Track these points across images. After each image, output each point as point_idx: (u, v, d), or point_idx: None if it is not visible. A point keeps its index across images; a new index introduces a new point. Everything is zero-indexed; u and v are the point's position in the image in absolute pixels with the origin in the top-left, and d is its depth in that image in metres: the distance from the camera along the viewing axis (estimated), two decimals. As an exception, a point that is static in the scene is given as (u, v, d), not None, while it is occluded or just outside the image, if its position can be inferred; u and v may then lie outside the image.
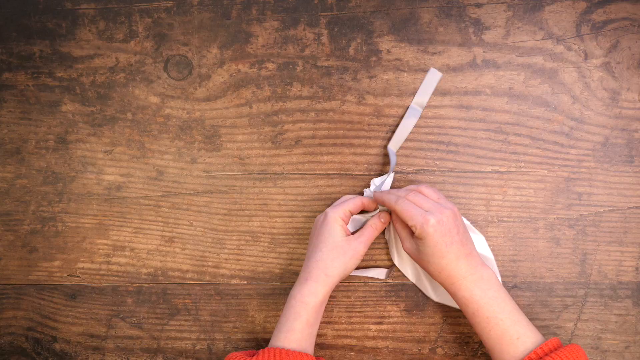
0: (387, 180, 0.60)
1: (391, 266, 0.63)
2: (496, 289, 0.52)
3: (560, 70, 0.62)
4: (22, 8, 0.66)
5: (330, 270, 0.54)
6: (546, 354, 0.49)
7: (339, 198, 0.63)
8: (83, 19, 0.65)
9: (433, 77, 0.62)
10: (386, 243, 0.63)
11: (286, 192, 0.64)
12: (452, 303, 0.61)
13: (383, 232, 0.63)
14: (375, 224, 0.58)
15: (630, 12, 0.61)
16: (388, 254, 0.63)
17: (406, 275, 0.62)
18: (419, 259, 0.55)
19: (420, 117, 0.63)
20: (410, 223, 0.53)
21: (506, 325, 0.51)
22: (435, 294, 0.61)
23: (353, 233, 0.59)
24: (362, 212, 0.61)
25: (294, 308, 0.54)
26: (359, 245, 0.56)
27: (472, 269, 0.53)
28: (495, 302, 0.52)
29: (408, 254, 0.56)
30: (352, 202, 0.58)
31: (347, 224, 0.57)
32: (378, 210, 0.60)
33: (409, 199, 0.54)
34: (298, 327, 0.53)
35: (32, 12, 0.66)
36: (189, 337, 0.65)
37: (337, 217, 0.56)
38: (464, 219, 0.60)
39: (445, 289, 0.55)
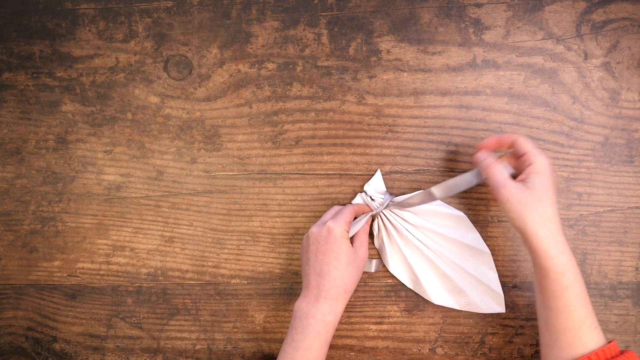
0: (377, 179, 0.62)
1: (378, 258, 0.63)
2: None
3: (560, 70, 0.62)
4: (22, 8, 0.66)
5: (350, 287, 0.55)
6: (607, 359, 0.48)
7: (338, 198, 0.63)
8: (83, 19, 0.65)
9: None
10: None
11: (286, 192, 0.64)
12: (452, 304, 0.61)
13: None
14: (365, 228, 0.59)
15: (630, 12, 0.61)
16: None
17: (403, 281, 0.62)
18: (524, 202, 0.49)
19: (420, 117, 0.63)
20: (527, 154, 0.51)
21: (590, 310, 0.49)
22: (435, 297, 0.61)
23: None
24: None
25: (313, 327, 0.53)
26: (365, 252, 0.58)
27: (566, 241, 0.50)
28: (583, 284, 0.50)
29: (505, 201, 0.50)
30: (349, 212, 0.57)
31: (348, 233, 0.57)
32: (369, 215, 0.60)
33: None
34: (317, 345, 0.53)
35: (32, 12, 0.66)
36: (189, 337, 0.65)
37: (343, 232, 0.55)
38: (473, 233, 0.60)
39: (543, 248, 0.49)
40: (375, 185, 0.62)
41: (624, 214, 0.61)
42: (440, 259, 0.60)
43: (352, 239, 0.58)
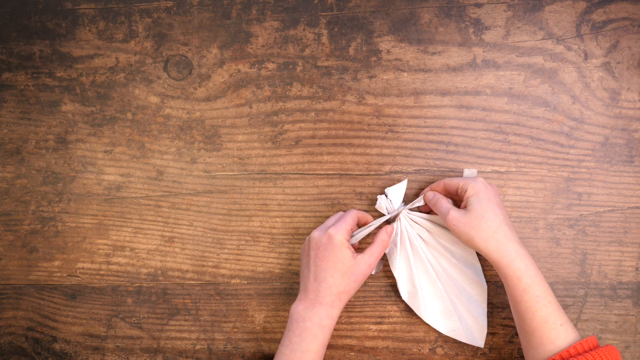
0: (401, 187, 0.61)
1: (380, 260, 0.62)
2: (541, 273, 0.53)
3: (560, 70, 0.62)
4: (22, 8, 0.66)
5: (344, 295, 0.55)
6: (585, 351, 0.48)
7: (338, 198, 0.63)
8: (83, 19, 0.65)
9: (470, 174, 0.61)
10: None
11: (286, 192, 0.64)
12: (438, 327, 0.60)
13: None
14: (383, 240, 0.58)
15: (630, 12, 0.61)
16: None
17: (400, 290, 0.61)
18: (469, 224, 0.53)
19: (420, 117, 0.63)
20: (461, 184, 0.56)
21: (553, 308, 0.51)
22: (426, 315, 0.60)
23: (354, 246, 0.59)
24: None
25: (310, 330, 0.54)
26: (369, 266, 0.56)
27: (522, 245, 0.53)
28: (545, 283, 0.52)
29: (453, 227, 0.54)
30: (351, 219, 0.57)
31: (349, 242, 0.57)
32: (379, 221, 0.59)
33: None
34: (314, 348, 0.53)
35: (32, 12, 0.66)
36: (189, 337, 0.65)
37: (344, 240, 0.55)
38: (475, 264, 0.61)
39: (496, 259, 0.52)
40: (396, 193, 0.61)
41: (624, 214, 0.61)
42: (439, 279, 0.60)
43: (359, 247, 0.58)
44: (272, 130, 0.64)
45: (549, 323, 0.50)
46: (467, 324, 0.60)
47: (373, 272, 0.62)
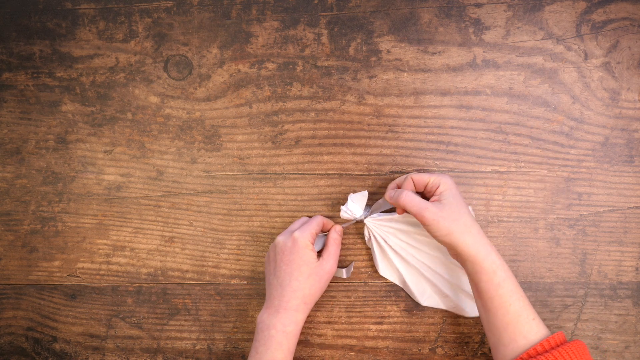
0: (362, 197, 0.60)
1: (349, 264, 0.63)
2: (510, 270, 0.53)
3: (560, 70, 0.62)
4: (22, 8, 0.66)
5: (310, 299, 0.56)
6: (552, 348, 0.49)
7: (338, 198, 0.63)
8: (83, 19, 0.65)
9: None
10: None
11: (286, 192, 0.64)
12: (439, 305, 0.61)
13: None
14: (335, 239, 0.59)
15: (630, 12, 0.61)
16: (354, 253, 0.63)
17: (393, 281, 0.62)
18: (448, 218, 0.52)
19: (420, 117, 0.63)
20: (430, 181, 0.55)
21: (525, 302, 0.51)
22: (422, 298, 0.61)
23: (318, 251, 0.59)
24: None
25: (275, 338, 0.54)
26: (332, 266, 0.57)
27: (490, 243, 0.53)
28: (515, 279, 0.52)
29: (432, 222, 0.53)
30: (316, 224, 0.58)
31: (313, 245, 0.57)
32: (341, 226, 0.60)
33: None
34: (280, 356, 0.54)
35: (32, 12, 0.66)
36: (188, 337, 0.65)
37: (307, 243, 0.56)
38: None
39: (472, 253, 0.52)
40: (357, 200, 0.61)
41: (624, 214, 0.61)
42: (425, 266, 0.61)
43: (320, 251, 0.59)
44: (272, 130, 0.64)
45: (522, 317, 0.50)
46: (465, 298, 0.61)
47: (344, 277, 0.62)
